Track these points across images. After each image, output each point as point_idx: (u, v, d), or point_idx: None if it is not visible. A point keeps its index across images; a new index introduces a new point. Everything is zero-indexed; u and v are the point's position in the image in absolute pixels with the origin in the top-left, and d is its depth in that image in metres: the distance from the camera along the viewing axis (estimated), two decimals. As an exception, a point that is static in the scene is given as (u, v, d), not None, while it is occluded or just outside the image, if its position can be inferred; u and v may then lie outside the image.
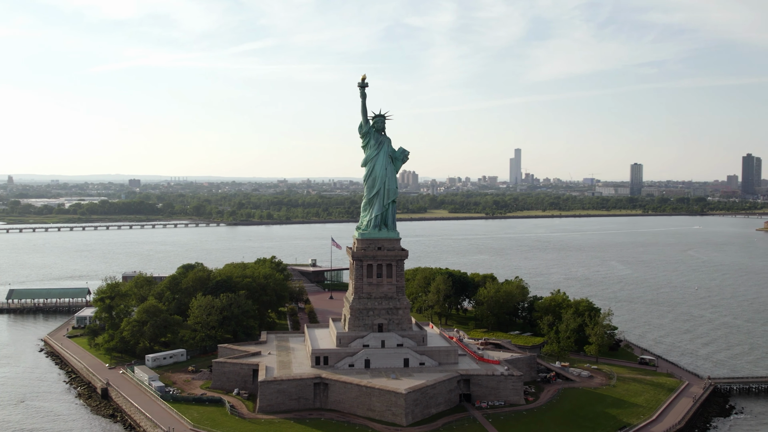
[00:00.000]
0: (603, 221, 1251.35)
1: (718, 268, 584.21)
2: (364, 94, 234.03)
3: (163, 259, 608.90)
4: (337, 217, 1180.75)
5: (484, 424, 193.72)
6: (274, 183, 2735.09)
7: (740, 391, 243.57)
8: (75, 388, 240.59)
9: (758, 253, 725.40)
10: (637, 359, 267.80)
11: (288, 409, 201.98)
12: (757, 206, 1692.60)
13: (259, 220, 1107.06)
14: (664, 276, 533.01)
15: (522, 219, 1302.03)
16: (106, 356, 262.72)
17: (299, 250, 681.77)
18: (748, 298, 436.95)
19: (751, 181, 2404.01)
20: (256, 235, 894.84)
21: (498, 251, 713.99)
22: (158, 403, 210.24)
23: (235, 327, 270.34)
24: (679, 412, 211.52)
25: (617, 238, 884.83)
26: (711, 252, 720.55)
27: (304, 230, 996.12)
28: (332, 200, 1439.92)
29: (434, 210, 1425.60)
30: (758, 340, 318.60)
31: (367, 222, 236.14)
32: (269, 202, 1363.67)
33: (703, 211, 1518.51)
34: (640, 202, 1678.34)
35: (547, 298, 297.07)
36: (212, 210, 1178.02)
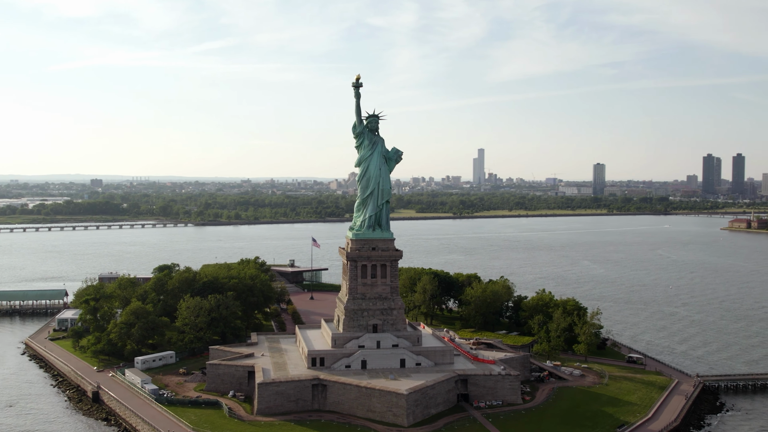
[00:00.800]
0: (569, 221, 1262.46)
1: (688, 267, 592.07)
2: (358, 94, 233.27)
3: (135, 259, 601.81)
4: (305, 218, 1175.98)
5: (484, 423, 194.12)
6: (238, 183, 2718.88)
7: (727, 389, 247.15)
8: (64, 392, 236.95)
9: (725, 252, 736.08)
10: (625, 358, 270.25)
11: (286, 410, 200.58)
12: (718, 206, 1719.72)
13: (227, 221, 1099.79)
14: (636, 275, 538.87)
15: (489, 219, 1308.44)
16: (93, 359, 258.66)
17: (272, 251, 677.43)
18: (718, 296, 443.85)
19: (712, 181, 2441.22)
20: (226, 236, 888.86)
21: (469, 251, 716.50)
22: (153, 406, 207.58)
23: (224, 328, 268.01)
24: (673, 409, 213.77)
25: (585, 238, 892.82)
26: (679, 251, 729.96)
27: (273, 230, 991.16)
28: (299, 200, 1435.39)
29: (401, 210, 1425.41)
30: (731, 338, 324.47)
31: (360, 222, 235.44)
32: (235, 202, 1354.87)
33: (666, 211, 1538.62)
34: (604, 202, 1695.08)
35: (534, 298, 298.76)
36: (179, 210, 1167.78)
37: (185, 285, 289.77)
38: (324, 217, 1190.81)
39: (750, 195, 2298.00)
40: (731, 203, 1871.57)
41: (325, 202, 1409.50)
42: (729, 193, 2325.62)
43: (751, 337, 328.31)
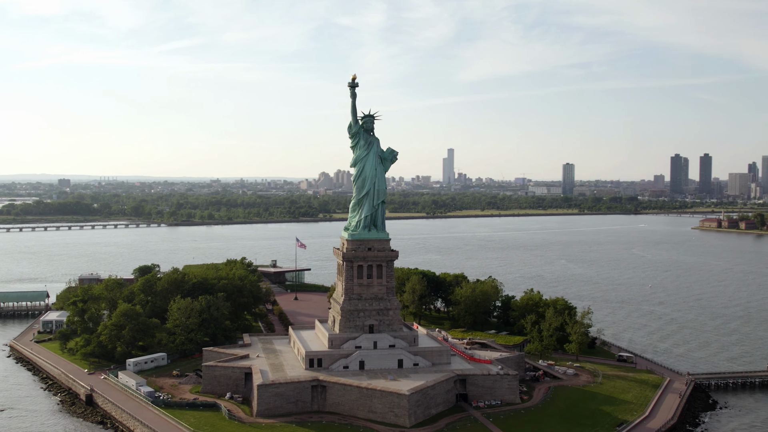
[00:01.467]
0: (541, 220, 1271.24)
1: (662, 266, 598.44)
2: (354, 94, 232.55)
3: (112, 260, 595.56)
4: (279, 218, 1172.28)
5: (486, 423, 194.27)
6: (208, 183, 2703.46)
7: (717, 386, 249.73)
8: (55, 395, 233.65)
9: (697, 251, 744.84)
10: (615, 357, 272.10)
11: (286, 412, 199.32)
12: (687, 205, 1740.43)
13: (201, 221, 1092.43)
14: (613, 274, 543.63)
15: (462, 218, 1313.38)
16: (82, 361, 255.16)
17: (249, 251, 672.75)
18: (693, 294, 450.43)
19: (680, 180, 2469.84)
20: (200, 236, 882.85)
21: (444, 251, 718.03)
22: (150, 408, 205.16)
23: (215, 330, 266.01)
24: (669, 407, 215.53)
25: (559, 237, 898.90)
26: (653, 250, 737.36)
27: (247, 230, 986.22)
28: (271, 200, 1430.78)
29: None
30: (710, 336, 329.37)
31: (356, 222, 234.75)
32: (207, 202, 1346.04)
33: (636, 211, 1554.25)
34: (575, 202, 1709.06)
35: (524, 297, 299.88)
36: (151, 210, 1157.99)
37: (174, 286, 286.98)
38: (298, 217, 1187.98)
39: (717, 195, 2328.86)
40: (699, 203, 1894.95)
41: (298, 202, 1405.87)
42: (696, 192, 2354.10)
43: (728, 334, 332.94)
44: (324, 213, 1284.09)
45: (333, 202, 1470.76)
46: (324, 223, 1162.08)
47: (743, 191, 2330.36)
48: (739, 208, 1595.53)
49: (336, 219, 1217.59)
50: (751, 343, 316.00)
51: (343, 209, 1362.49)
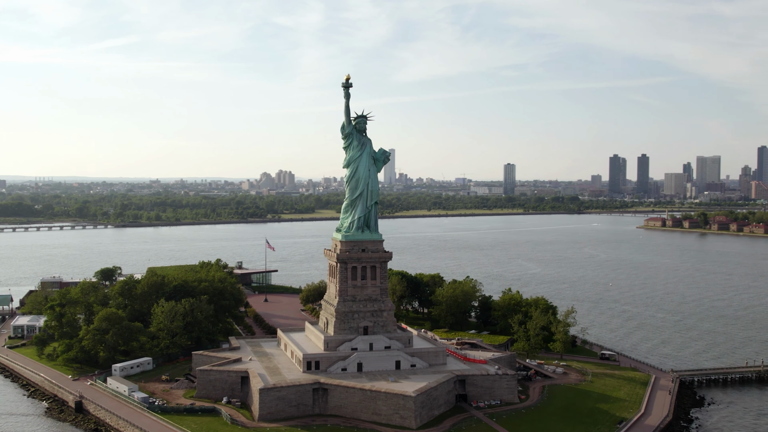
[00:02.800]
0: (488, 220, 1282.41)
1: (618, 265, 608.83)
2: (348, 94, 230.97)
3: (67, 263, 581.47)
4: (227, 218, 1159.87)
5: (490, 424, 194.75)
6: (147, 183, 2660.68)
7: (700, 383, 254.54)
8: (40, 402, 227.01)
9: (646, 249, 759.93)
10: (598, 355, 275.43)
11: (288, 416, 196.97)
12: (627, 205, 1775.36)
13: (148, 222, 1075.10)
14: (572, 273, 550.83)
15: (410, 219, 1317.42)
16: (63, 367, 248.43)
17: (203, 252, 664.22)
18: (646, 292, 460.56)
19: (618, 180, 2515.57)
20: (150, 237, 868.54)
21: (398, 251, 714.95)
22: (146, 415, 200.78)
23: (199, 333, 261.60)
24: (662, 404, 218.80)
25: (509, 237, 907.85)
26: (604, 249, 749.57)
27: (196, 232, 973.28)
28: (217, 201, 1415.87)
29: (322, 210, 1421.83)
30: (672, 333, 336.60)
31: (349, 224, 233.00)
32: (152, 203, 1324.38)
33: (579, 210, 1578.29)
34: (519, 202, 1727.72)
35: (505, 297, 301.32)
36: (97, 211, 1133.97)
37: (153, 289, 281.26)
38: (246, 218, 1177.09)
39: (654, 194, 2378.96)
40: (638, 202, 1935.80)
41: (244, 202, 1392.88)
42: (634, 192, 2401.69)
43: (688, 330, 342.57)
44: (272, 214, 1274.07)
45: (279, 202, 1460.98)
46: (273, 224, 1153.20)
47: (679, 191, 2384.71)
48: (677, 208, 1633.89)
49: (285, 220, 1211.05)
50: (712, 338, 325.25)
51: (291, 210, 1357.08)
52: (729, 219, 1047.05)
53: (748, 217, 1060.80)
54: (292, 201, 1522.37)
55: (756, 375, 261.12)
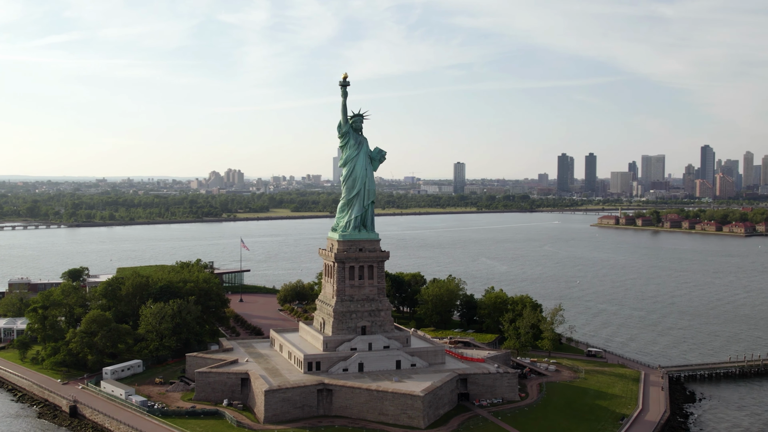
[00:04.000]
0: (443, 218, 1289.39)
1: (580, 262, 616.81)
2: (345, 93, 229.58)
3: (27, 263, 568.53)
4: (182, 218, 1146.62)
5: (496, 422, 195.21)
6: (94, 182, 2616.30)
7: (687, 378, 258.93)
8: (31, 407, 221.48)
9: (606, 247, 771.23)
10: (585, 352, 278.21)
11: (293, 417, 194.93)
12: (577, 203, 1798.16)
13: (102, 221, 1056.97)
14: (539, 270, 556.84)
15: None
16: (50, 371, 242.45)
17: (166, 252, 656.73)
18: (622, 287, 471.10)
19: (566, 179, 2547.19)
20: (106, 237, 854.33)
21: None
22: (147, 419, 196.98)
23: (187, 334, 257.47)
24: (657, 400, 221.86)
25: (467, 235, 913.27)
26: (564, 247, 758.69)
27: (152, 231, 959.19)
28: (170, 200, 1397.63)
29: (276, 209, 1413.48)
30: (640, 329, 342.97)
31: (346, 223, 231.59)
32: (104, 203, 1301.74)
33: (531, 208, 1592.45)
34: (471, 200, 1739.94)
35: (491, 295, 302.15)
36: (48, 211, 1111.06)
37: (139, 290, 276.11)
38: (201, 217, 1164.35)
39: (601, 192, 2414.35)
40: (586, 200, 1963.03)
41: (197, 201, 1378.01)
42: (582, 190, 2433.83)
43: (655, 325, 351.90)
44: (227, 213, 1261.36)
45: (233, 201, 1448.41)
46: (229, 223, 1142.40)
47: (625, 189, 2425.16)
48: (624, 206, 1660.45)
49: (240, 219, 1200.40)
50: (679, 333, 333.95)
51: (245, 209, 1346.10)
52: (681, 217, 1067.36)
53: (700, 215, 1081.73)
54: (246, 200, 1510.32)
55: (739, 370, 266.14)
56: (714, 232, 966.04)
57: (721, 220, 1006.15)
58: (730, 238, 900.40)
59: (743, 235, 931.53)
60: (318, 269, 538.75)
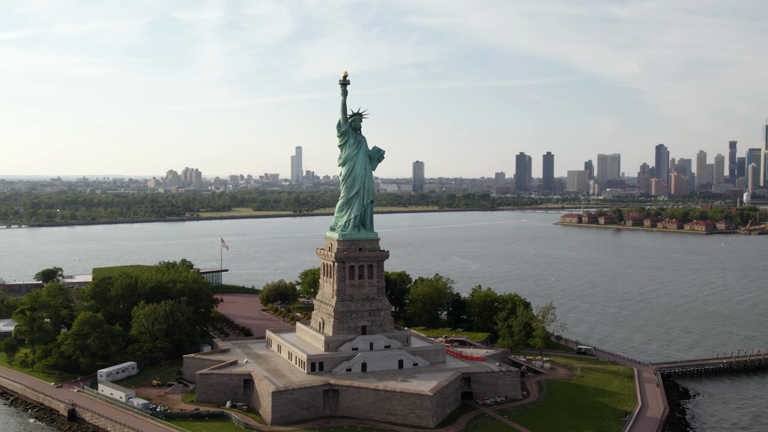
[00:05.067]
0: (406, 217, 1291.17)
1: (551, 260, 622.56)
2: (345, 92, 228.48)
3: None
4: (144, 217, 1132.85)
5: (504, 421, 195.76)
6: (49, 181, 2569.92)
7: (678, 375, 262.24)
8: (26, 411, 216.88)
9: (572, 245, 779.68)
10: (575, 349, 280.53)
11: (300, 418, 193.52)
12: (536, 202, 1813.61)
13: (63, 221, 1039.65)
14: (512, 269, 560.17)
15: (329, 216, 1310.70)
16: (41, 374, 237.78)
17: (133, 252, 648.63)
18: (593, 284, 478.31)
19: (524, 177, 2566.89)
20: (70, 237, 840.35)
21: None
22: (150, 421, 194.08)
23: (180, 335, 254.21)
24: (654, 397, 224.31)
25: (433, 234, 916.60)
26: (531, 245, 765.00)
27: (115, 231, 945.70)
28: (130, 199, 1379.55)
29: (238, 208, 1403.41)
30: (621, 326, 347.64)
31: (345, 222, 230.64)
32: (63, 202, 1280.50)
33: (492, 207, 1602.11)
34: (432, 199, 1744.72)
35: (480, 294, 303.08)
36: (8, 210, 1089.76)
37: (128, 291, 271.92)
38: (164, 217, 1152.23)
39: (559, 191, 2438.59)
40: (545, 199, 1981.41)
41: (159, 200, 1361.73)
42: (540, 189, 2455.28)
43: (627, 322, 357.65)
44: (189, 212, 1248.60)
45: (194, 201, 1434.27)
46: (191, 222, 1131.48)
47: (582, 188, 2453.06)
48: (582, 204, 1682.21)
49: (203, 218, 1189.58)
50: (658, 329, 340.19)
51: (207, 208, 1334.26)
52: (642, 215, 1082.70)
53: (661, 213, 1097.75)
54: (207, 199, 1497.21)
55: (727, 366, 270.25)
56: (675, 230, 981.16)
57: (682, 218, 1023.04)
58: (692, 236, 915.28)
59: (704, 232, 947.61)
60: (290, 269, 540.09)
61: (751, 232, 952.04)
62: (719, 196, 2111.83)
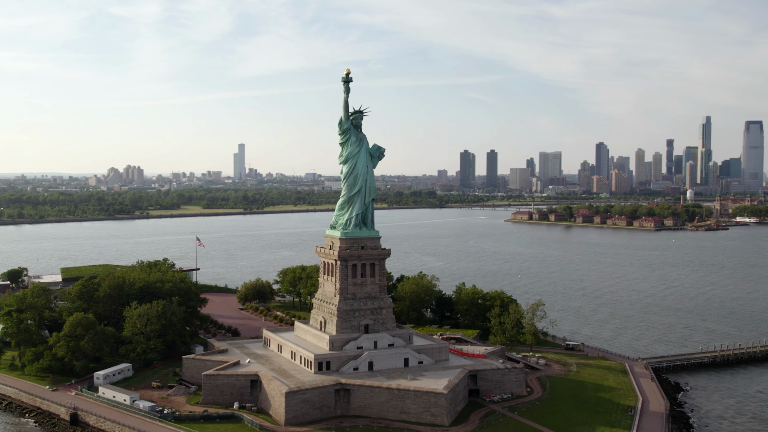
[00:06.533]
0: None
1: (512, 257, 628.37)
2: (348, 89, 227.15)
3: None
4: (92, 215, 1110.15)
5: (515, 417, 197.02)
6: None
7: (666, 369, 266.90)
8: (23, 416, 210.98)
9: (527, 241, 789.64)
10: (563, 345, 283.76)
11: (312, 419, 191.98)
12: (482, 199, 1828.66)
13: (9, 219, 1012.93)
14: (475, 265, 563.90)
15: (281, 214, 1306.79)
16: (33, 377, 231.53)
17: (92, 251, 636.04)
18: (563, 280, 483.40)
19: (468, 175, 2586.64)
20: (20, 236, 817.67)
21: (293, 246, 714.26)
22: (160, 424, 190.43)
23: (173, 336, 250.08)
24: (652, 391, 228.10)
25: (388, 231, 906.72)
26: (488, 242, 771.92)
27: (64, 229, 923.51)
28: (76, 197, 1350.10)
29: (186, 206, 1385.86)
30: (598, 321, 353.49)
31: (346, 221, 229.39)
32: (6, 200, 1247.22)
33: (441, 204, 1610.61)
34: (380, 196, 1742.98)
35: (468, 291, 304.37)
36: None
37: (116, 292, 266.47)
38: (113, 215, 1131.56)
39: (502, 188, 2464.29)
40: (489, 196, 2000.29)
41: (106, 199, 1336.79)
42: (484, 186, 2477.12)
43: (589, 316, 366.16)
44: (139, 210, 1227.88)
45: (143, 199, 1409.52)
46: (141, 220, 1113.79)
47: (524, 185, 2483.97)
48: (526, 201, 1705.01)
49: (153, 216, 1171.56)
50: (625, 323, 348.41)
51: (155, 206, 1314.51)
52: (592, 212, 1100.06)
53: (610, 210, 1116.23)
54: (154, 197, 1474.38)
55: (711, 360, 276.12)
56: (625, 227, 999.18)
57: (631, 215, 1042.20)
58: (641, 233, 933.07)
59: (653, 229, 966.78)
60: (253, 268, 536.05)
61: (698, 228, 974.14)
62: (658, 193, 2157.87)
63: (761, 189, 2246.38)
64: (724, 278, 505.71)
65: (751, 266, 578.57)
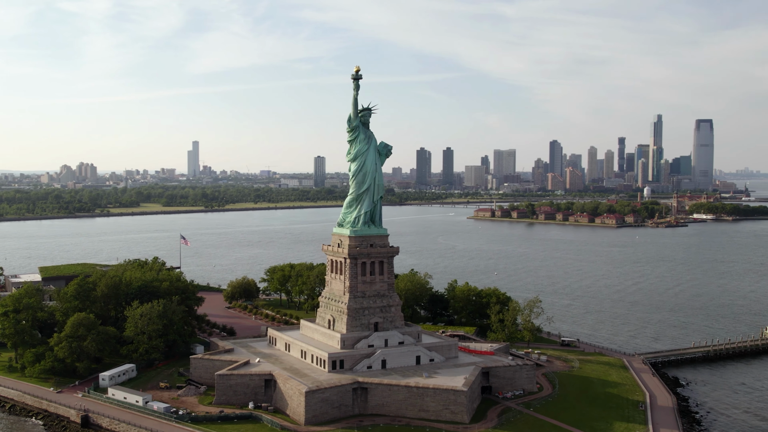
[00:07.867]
0: (319, 212, 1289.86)
1: (483, 253, 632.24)
2: (358, 86, 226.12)
3: None
4: (53, 213, 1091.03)
5: (531, 414, 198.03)
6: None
7: (663, 364, 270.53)
8: (30, 419, 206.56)
9: (493, 238, 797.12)
10: (559, 342, 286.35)
11: (331, 418, 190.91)
12: (440, 196, 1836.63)
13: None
14: (449, 263, 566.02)
15: (242, 211, 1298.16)
16: (35, 379, 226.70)
17: (59, 249, 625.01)
18: (540, 276, 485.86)
19: (425, 173, 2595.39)
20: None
21: (262, 245, 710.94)
22: (176, 425, 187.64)
23: (174, 336, 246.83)
24: (655, 386, 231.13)
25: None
26: (456, 239, 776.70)
27: (23, 228, 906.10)
28: (32, 195, 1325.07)
29: (146, 204, 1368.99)
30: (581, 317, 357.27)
31: (355, 218, 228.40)
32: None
33: (401, 202, 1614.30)
34: (338, 193, 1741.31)
35: (462, 288, 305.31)
36: None
37: (113, 291, 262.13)
38: (73, 213, 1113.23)
39: (458, 186, 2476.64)
40: (446, 193, 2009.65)
41: (64, 197, 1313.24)
42: (440, 184, 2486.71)
43: (566, 310, 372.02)
44: (99, 208, 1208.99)
45: (101, 197, 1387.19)
46: (102, 218, 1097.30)
47: (480, 182, 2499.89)
48: (483, 198, 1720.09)
49: (114, 214, 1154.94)
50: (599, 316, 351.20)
51: (115, 204, 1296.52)
52: (554, 209, 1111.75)
53: (571, 207, 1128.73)
54: (113, 195, 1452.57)
55: (703, 355, 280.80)
56: (587, 224, 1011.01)
57: (593, 212, 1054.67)
58: (604, 229, 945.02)
59: (615, 226, 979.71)
60: (228, 266, 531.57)
61: (659, 225, 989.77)
62: (612, 190, 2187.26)
63: (711, 186, 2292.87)
64: (700, 274, 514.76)
65: (720, 262, 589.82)
